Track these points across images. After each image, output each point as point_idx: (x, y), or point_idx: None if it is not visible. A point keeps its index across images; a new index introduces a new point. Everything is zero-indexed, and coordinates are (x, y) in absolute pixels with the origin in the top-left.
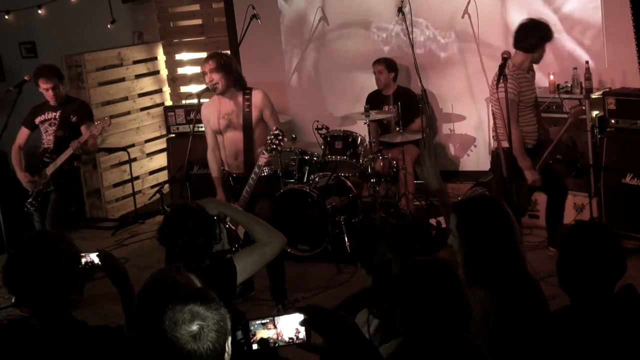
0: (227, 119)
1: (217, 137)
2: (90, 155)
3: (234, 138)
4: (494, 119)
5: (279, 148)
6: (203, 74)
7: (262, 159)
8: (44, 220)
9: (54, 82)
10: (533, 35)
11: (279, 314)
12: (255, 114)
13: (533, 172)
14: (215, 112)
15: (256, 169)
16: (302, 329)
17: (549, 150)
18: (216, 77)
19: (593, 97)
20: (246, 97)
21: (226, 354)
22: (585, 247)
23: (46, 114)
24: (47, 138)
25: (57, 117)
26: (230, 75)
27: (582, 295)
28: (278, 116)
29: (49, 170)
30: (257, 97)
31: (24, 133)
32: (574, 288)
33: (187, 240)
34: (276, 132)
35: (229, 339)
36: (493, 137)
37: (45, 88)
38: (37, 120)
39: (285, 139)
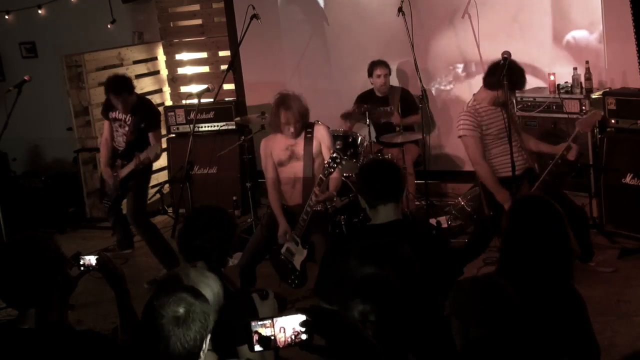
0: (290, 149)
1: (277, 170)
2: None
3: (295, 168)
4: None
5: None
6: (274, 114)
7: (317, 190)
8: (117, 217)
9: (122, 96)
10: (497, 74)
11: (281, 314)
12: (315, 145)
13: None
14: (280, 143)
15: (312, 197)
16: (304, 330)
17: (543, 175)
18: (296, 125)
19: (593, 97)
20: (308, 129)
21: (202, 352)
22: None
23: (117, 112)
24: (118, 138)
25: (127, 120)
26: (304, 120)
27: None
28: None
29: (121, 174)
30: (318, 130)
31: (106, 125)
32: None
33: (206, 244)
34: (334, 155)
35: (208, 337)
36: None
37: (115, 103)
38: (111, 116)
39: (344, 162)
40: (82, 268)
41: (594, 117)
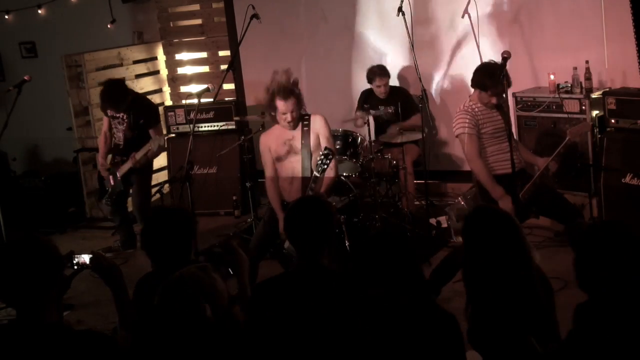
0: (288, 144)
1: (275, 165)
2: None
3: (293, 163)
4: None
5: (326, 167)
6: (271, 107)
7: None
8: (120, 213)
9: (120, 106)
10: (480, 75)
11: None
12: (313, 138)
13: (506, 201)
14: (278, 138)
15: (309, 192)
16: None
17: (527, 186)
18: (294, 114)
19: (593, 97)
20: (305, 122)
21: None
22: (606, 246)
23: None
24: (118, 135)
25: (124, 117)
26: (301, 106)
27: (606, 294)
28: (333, 143)
29: (120, 172)
30: (315, 122)
31: (105, 120)
32: (595, 288)
33: (167, 245)
34: (326, 151)
35: None
36: None
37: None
38: (109, 113)
39: (337, 157)
40: (75, 267)
41: (584, 128)
